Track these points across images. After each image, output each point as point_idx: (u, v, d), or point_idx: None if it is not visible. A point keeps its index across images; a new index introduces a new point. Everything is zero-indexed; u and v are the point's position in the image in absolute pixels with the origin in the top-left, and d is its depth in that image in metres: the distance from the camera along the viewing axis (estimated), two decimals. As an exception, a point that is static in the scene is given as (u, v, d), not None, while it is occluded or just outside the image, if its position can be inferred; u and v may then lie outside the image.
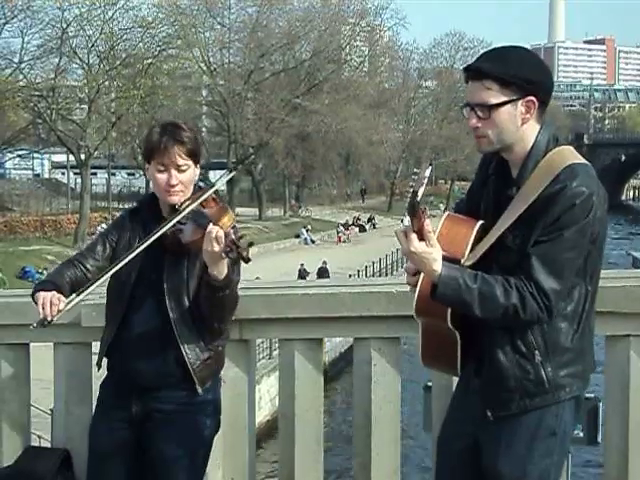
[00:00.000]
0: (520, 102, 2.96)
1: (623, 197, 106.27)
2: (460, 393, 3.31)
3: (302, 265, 37.23)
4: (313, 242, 51.22)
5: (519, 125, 2.99)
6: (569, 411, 3.09)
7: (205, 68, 57.10)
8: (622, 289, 4.14)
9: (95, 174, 60.25)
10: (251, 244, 3.34)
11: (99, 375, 3.87)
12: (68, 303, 3.41)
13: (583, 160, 3.01)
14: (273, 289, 4.62)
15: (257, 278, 32.03)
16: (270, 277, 24.10)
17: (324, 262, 37.96)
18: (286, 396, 4.44)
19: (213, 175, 61.15)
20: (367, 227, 58.61)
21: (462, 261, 2.97)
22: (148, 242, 3.42)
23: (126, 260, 3.43)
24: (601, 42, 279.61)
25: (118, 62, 48.61)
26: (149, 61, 48.98)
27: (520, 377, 3.01)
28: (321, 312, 4.34)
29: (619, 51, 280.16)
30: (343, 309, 4.29)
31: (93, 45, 48.34)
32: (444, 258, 2.91)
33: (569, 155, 3.01)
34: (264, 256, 43.68)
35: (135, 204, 3.82)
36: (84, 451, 3.97)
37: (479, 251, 2.99)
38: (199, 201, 3.46)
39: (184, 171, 3.53)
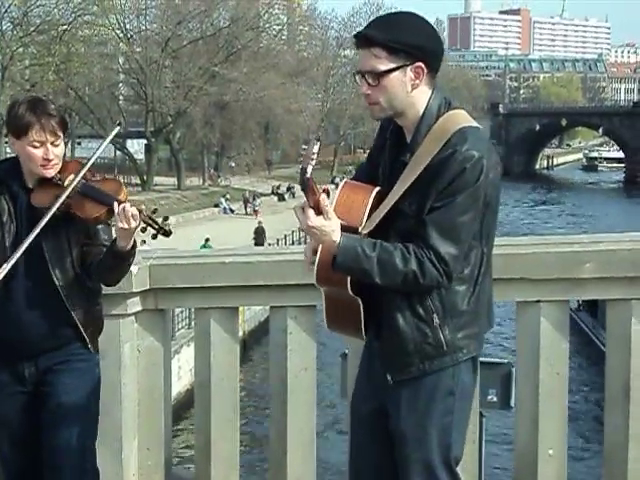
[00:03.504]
0: (409, 68, 2.98)
1: (537, 166, 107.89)
2: (365, 358, 3.36)
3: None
4: (232, 211, 50.98)
5: (409, 91, 3.01)
6: (466, 371, 3.15)
7: (121, 35, 56.21)
8: (532, 255, 4.22)
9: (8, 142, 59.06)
10: (166, 218, 3.49)
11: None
12: None
13: (475, 123, 3.04)
14: (189, 258, 4.60)
15: (207, 240, 31.72)
16: (190, 247, 23.97)
17: (259, 222, 38.28)
18: (202, 365, 4.45)
19: (131, 143, 60.58)
20: (286, 196, 58.55)
21: (360, 229, 2.99)
22: (46, 219, 3.44)
23: (30, 239, 3.43)
24: (516, 12, 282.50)
25: (32, 29, 47.62)
26: (64, 28, 48.06)
27: (419, 341, 3.05)
28: (237, 281, 4.35)
29: (534, 22, 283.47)
30: (259, 278, 4.30)
31: (6, 11, 47.29)
32: (343, 227, 2.93)
33: (460, 119, 3.03)
34: (183, 226, 43.40)
35: None
36: None
37: (376, 218, 3.01)
38: (82, 172, 3.52)
39: (58, 145, 3.56)
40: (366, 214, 3.02)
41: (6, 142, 50.79)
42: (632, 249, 4.18)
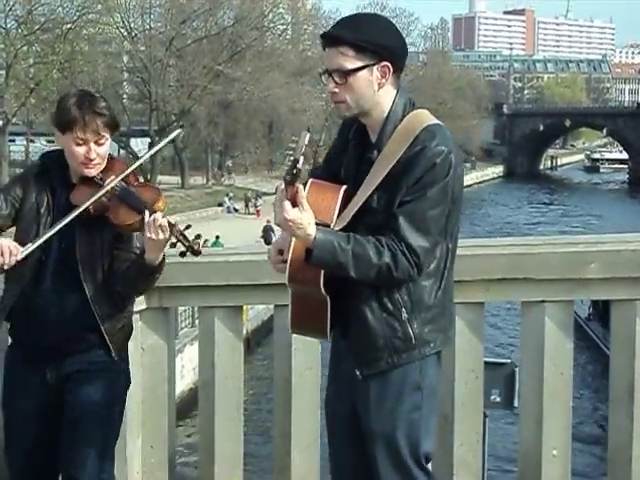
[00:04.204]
0: (376, 67, 3.03)
1: (541, 166, 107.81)
2: (332, 360, 3.37)
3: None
4: (236, 210, 50.99)
5: (376, 90, 3.06)
6: (432, 365, 3.19)
7: (126, 34, 56.18)
8: (537, 256, 4.22)
9: (13, 141, 59.07)
10: (198, 236, 3.36)
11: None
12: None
13: (437, 121, 3.09)
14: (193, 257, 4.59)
15: (217, 237, 31.64)
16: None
17: (268, 220, 38.15)
18: (206, 364, 4.44)
19: (134, 142, 60.56)
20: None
21: (331, 226, 3.02)
22: (75, 214, 3.38)
23: (56, 229, 3.38)
24: (521, 13, 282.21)
25: (37, 27, 47.64)
26: (68, 26, 48.10)
27: (389, 335, 3.08)
28: (241, 279, 4.34)
29: (538, 22, 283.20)
30: (263, 276, 4.29)
31: (11, 9, 47.33)
32: (315, 224, 2.95)
33: (425, 117, 3.09)
34: (187, 224, 43.36)
35: (40, 163, 3.68)
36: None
37: (347, 215, 3.05)
38: (122, 176, 3.44)
39: (102, 144, 3.47)
40: (336, 211, 3.06)
41: (10, 141, 51.08)
42: (637, 249, 4.18)
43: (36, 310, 3.53)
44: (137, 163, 3.55)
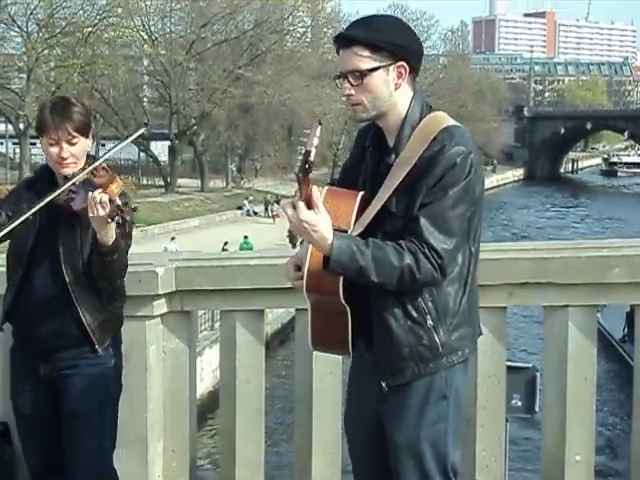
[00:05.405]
0: (392, 67, 2.98)
1: (562, 170, 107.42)
2: (354, 374, 3.27)
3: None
4: (255, 213, 51.02)
5: (392, 91, 2.99)
6: (459, 374, 3.09)
7: (146, 37, 56.35)
8: (560, 260, 4.19)
9: (34, 144, 59.21)
10: (135, 209, 3.57)
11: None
12: None
13: (456, 123, 3.03)
14: (214, 260, 4.60)
15: (226, 243, 31.80)
16: (213, 248, 24.05)
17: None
18: (227, 368, 4.44)
19: (154, 145, 60.76)
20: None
21: (349, 232, 2.93)
22: (41, 205, 3.53)
23: (21, 219, 3.53)
24: (541, 15, 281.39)
25: (57, 30, 47.86)
26: (89, 30, 48.27)
27: (414, 344, 2.99)
28: (262, 283, 4.33)
29: (559, 24, 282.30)
30: (284, 280, 4.26)
31: (32, 13, 47.54)
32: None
33: (444, 119, 3.03)
34: (207, 227, 43.48)
35: (31, 175, 3.97)
36: None
37: (365, 220, 2.97)
38: (88, 170, 3.56)
39: (75, 144, 3.65)
40: (354, 217, 2.97)
41: (31, 144, 51.33)
42: (661, 254, 4.15)
43: (27, 308, 3.72)
44: (101, 160, 3.62)
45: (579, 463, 4.23)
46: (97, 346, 3.71)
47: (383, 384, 3.06)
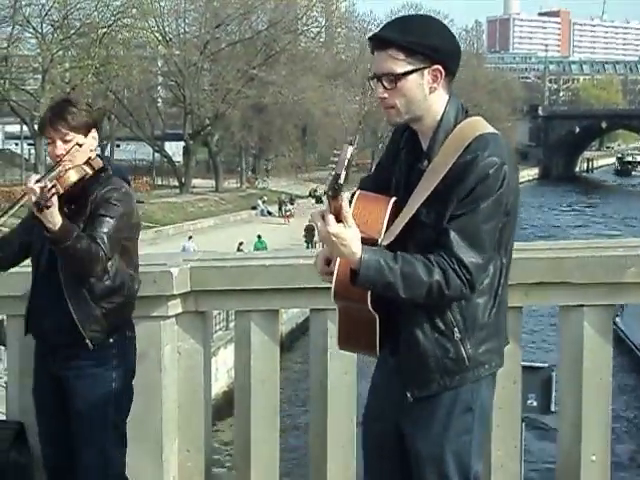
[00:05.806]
0: (427, 71, 2.90)
1: (577, 169, 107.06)
2: (378, 375, 3.23)
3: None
4: (270, 213, 51.06)
5: (427, 94, 2.92)
6: (486, 387, 3.03)
7: (160, 38, 56.46)
8: (575, 259, 4.17)
9: (49, 145, 59.50)
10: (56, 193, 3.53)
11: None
12: None
13: (493, 129, 2.95)
14: (229, 260, 4.60)
15: (241, 243, 31.91)
16: (227, 248, 24.08)
17: (309, 220, 38.16)
18: (242, 368, 4.44)
19: (169, 146, 60.87)
20: (324, 199, 58.50)
21: (379, 240, 2.87)
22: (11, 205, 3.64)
23: (14, 209, 3.66)
24: (556, 14, 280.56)
25: (72, 31, 48.00)
26: (104, 30, 48.37)
27: (441, 356, 2.93)
28: (277, 283, 4.34)
29: (573, 23, 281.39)
30: (299, 280, 4.29)
31: (47, 14, 47.70)
32: (361, 240, 2.80)
33: (479, 125, 2.95)
34: (221, 228, 43.55)
35: None
36: None
37: (396, 229, 2.90)
38: (61, 167, 3.64)
39: (69, 141, 3.72)
40: (384, 225, 2.91)
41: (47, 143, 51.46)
42: (677, 253, 4.13)
43: (34, 306, 3.83)
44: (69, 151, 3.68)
45: (595, 463, 4.21)
46: (87, 341, 3.71)
47: (408, 394, 3.01)
